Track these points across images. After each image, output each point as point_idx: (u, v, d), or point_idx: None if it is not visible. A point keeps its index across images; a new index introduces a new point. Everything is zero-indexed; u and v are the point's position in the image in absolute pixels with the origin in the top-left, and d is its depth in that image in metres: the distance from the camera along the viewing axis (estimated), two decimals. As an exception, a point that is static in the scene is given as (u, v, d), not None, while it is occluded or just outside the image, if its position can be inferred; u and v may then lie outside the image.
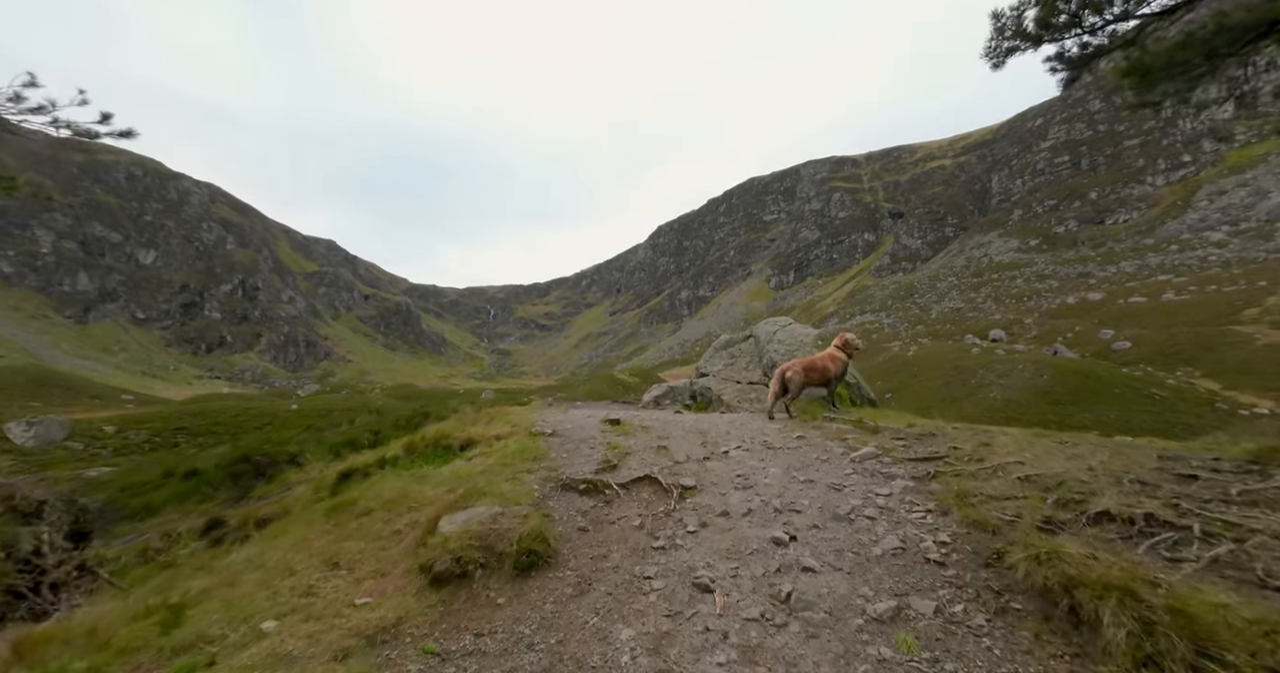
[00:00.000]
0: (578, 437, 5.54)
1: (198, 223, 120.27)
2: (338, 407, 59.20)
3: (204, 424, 47.86)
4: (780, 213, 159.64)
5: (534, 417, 6.84)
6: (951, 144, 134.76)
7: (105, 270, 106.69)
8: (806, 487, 3.88)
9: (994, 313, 77.30)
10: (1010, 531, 2.49)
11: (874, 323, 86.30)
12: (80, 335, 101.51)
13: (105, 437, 42.00)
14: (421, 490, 3.71)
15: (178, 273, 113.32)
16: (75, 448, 38.17)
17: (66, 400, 67.87)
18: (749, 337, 11.06)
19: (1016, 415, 44.74)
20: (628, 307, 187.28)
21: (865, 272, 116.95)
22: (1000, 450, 3.72)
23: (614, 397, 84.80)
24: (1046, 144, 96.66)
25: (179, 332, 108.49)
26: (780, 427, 6.18)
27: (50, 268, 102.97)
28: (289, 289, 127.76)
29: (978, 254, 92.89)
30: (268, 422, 50.88)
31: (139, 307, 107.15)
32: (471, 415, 6.67)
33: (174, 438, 44.84)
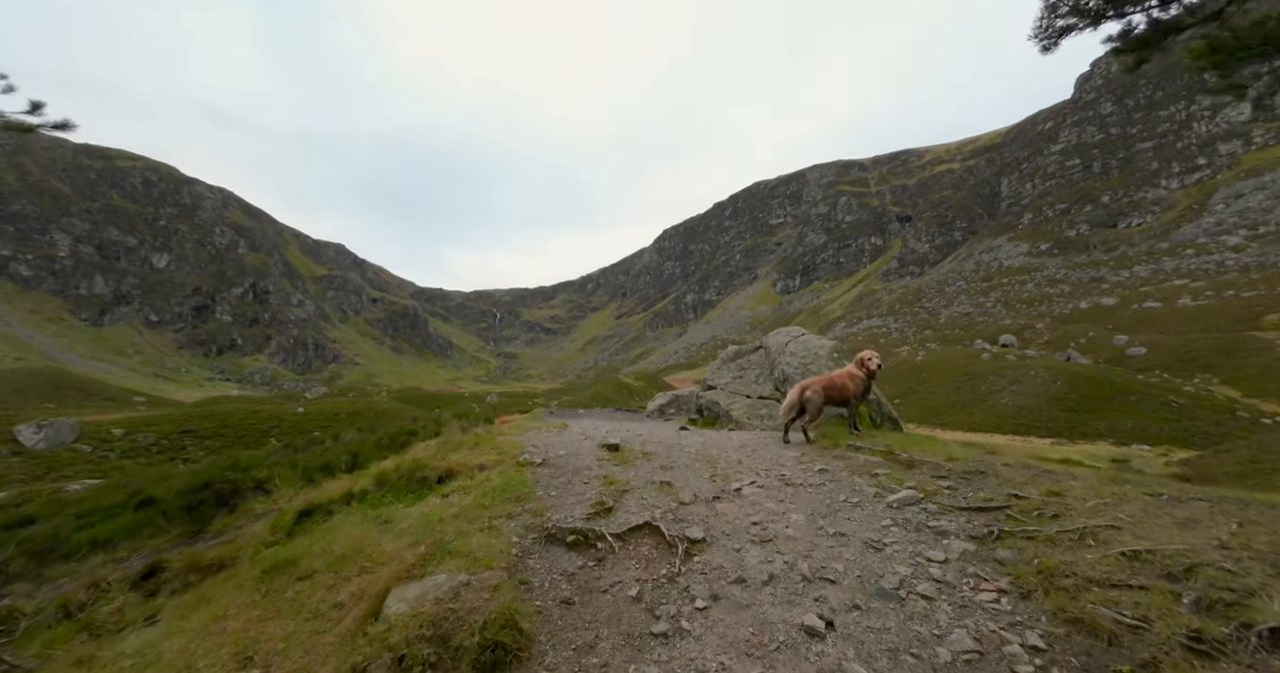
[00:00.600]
0: (570, 467, 4.88)
1: (210, 227, 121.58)
2: (343, 410, 59.05)
3: (211, 427, 47.82)
4: (786, 217, 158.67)
5: (524, 440, 6.18)
6: (959, 148, 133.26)
7: (120, 274, 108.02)
8: (838, 543, 3.19)
9: (1004, 318, 75.81)
10: (1138, 643, 1.78)
11: (881, 328, 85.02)
12: (96, 338, 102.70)
13: (113, 439, 41.96)
14: (380, 543, 3.08)
15: (190, 276, 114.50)
16: (84, 450, 38.11)
17: (80, 402, 68.41)
18: (759, 348, 10.36)
19: (1029, 422, 43.45)
20: (633, 310, 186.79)
21: (872, 276, 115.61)
22: (1078, 503, 3.01)
23: (619, 402, 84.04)
24: (1057, 147, 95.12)
25: (191, 334, 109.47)
26: (798, 454, 5.48)
27: (68, 271, 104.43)
28: (298, 292, 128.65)
29: (987, 258, 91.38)
30: (274, 425, 50.77)
31: (152, 309, 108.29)
32: (458, 437, 6.07)
33: (181, 441, 44.74)
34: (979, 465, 4.21)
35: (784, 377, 9.16)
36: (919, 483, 3.93)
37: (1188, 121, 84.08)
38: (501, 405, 76.64)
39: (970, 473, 4.03)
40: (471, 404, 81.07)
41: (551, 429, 8.11)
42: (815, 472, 4.61)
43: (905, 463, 4.45)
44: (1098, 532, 2.55)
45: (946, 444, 5.65)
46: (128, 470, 35.27)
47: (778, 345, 9.73)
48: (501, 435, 6.59)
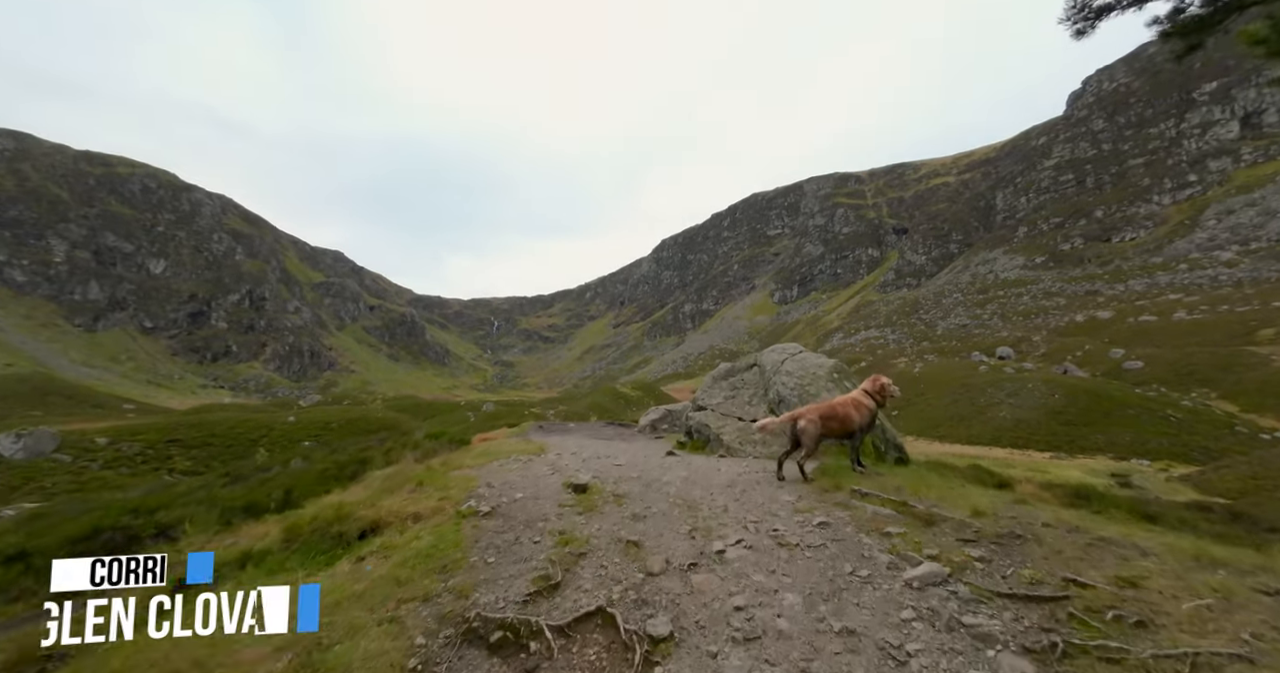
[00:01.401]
0: (523, 517, 4.07)
1: (208, 234, 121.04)
2: (335, 419, 57.74)
3: (199, 436, 46.35)
4: (784, 228, 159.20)
5: (481, 477, 5.33)
6: (955, 161, 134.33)
7: (116, 280, 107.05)
8: (846, 647, 2.38)
9: (1001, 330, 75.38)
10: None
11: (879, 339, 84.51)
12: (89, 344, 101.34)
13: (96, 449, 40.55)
14: (234, 652, 2.24)
15: (186, 283, 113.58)
16: (64, 461, 36.78)
17: (69, 409, 66.98)
18: (753, 365, 9.60)
19: (1028, 436, 42.65)
20: (631, 319, 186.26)
21: (870, 287, 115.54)
22: (1167, 601, 2.20)
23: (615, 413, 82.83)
24: (1050, 162, 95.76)
25: (185, 341, 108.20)
26: (793, 499, 4.66)
27: (63, 277, 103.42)
28: (295, 299, 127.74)
29: (983, 270, 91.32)
30: (264, 434, 49.44)
31: (147, 316, 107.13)
32: (409, 469, 5.27)
33: (168, 450, 43.31)
34: (1014, 525, 3.42)
35: (779, 398, 8.38)
36: (943, 550, 3.14)
37: (1178, 139, 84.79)
38: (496, 415, 75.40)
39: (1005, 537, 3.24)
40: (467, 413, 79.81)
41: (523, 457, 7.28)
42: (814, 526, 3.81)
43: (923, 518, 3.65)
44: (1218, 665, 1.76)
45: (965, 488, 4.86)
46: (109, 482, 34.02)
47: (772, 364, 8.96)
48: (459, 470, 5.75)
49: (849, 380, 8.34)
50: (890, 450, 7.38)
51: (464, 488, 4.57)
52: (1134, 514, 5.56)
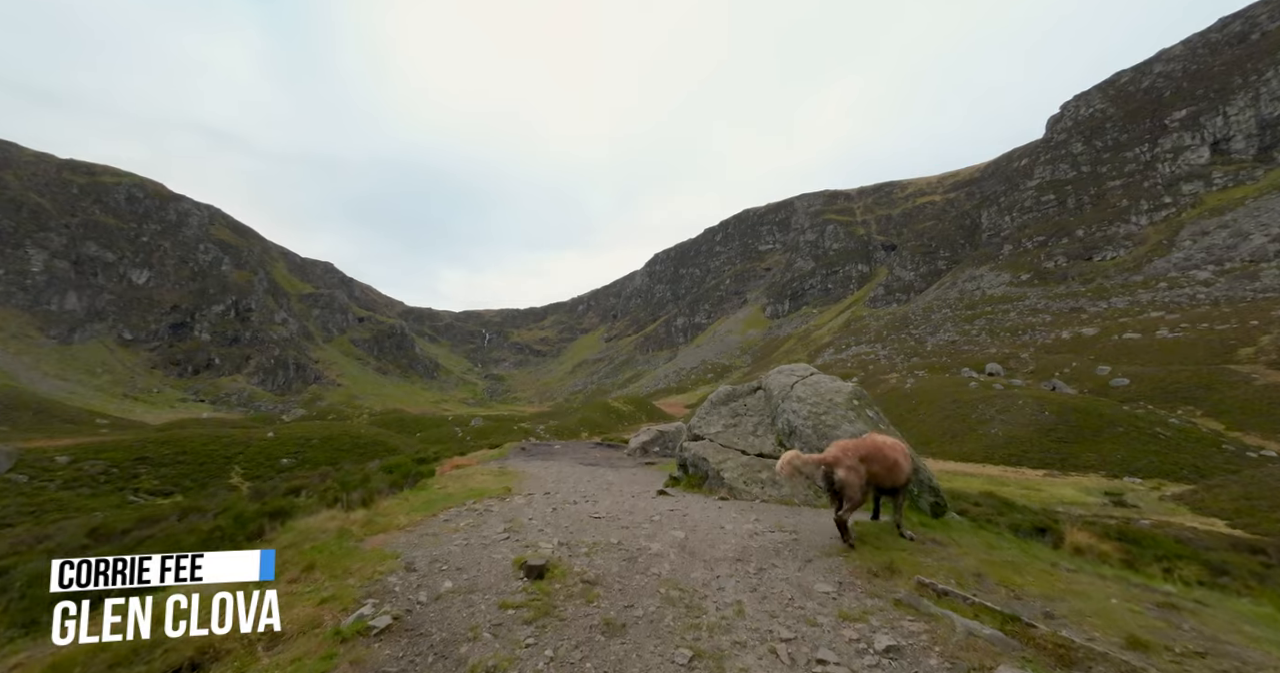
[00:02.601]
0: (439, 636, 2.65)
1: (195, 244, 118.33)
2: (316, 435, 55.32)
3: (169, 453, 43.78)
4: (775, 243, 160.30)
5: (404, 549, 3.87)
6: (941, 181, 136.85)
7: (96, 290, 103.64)
8: None
9: (989, 346, 75.28)
10: None
11: (870, 354, 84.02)
12: (63, 356, 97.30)
13: (56, 467, 37.87)
14: None
15: (170, 294, 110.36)
16: (19, 481, 34.14)
17: (37, 424, 63.57)
18: (757, 389, 8.33)
19: (1020, 453, 41.80)
20: (623, 333, 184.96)
21: (860, 302, 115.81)
22: None
23: (607, 426, 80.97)
24: (1033, 183, 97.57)
25: (166, 353, 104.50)
26: (833, 589, 3.28)
27: (39, 287, 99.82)
28: (282, 311, 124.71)
29: (970, 287, 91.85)
30: (239, 451, 46.95)
31: (127, 327, 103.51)
32: (323, 526, 3.91)
33: (135, 468, 40.68)
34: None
35: (789, 429, 7.10)
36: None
37: (1152, 162, 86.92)
38: (483, 430, 73.08)
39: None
40: (454, 428, 77.43)
41: (481, 503, 5.87)
42: (880, 655, 2.47)
43: (1053, 652, 2.25)
44: None
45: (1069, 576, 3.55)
46: (65, 504, 31.49)
47: (780, 387, 7.71)
48: (383, 532, 4.31)
49: (871, 409, 7.09)
50: (925, 494, 6.09)
51: (370, 573, 3.17)
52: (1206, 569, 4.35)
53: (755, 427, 7.80)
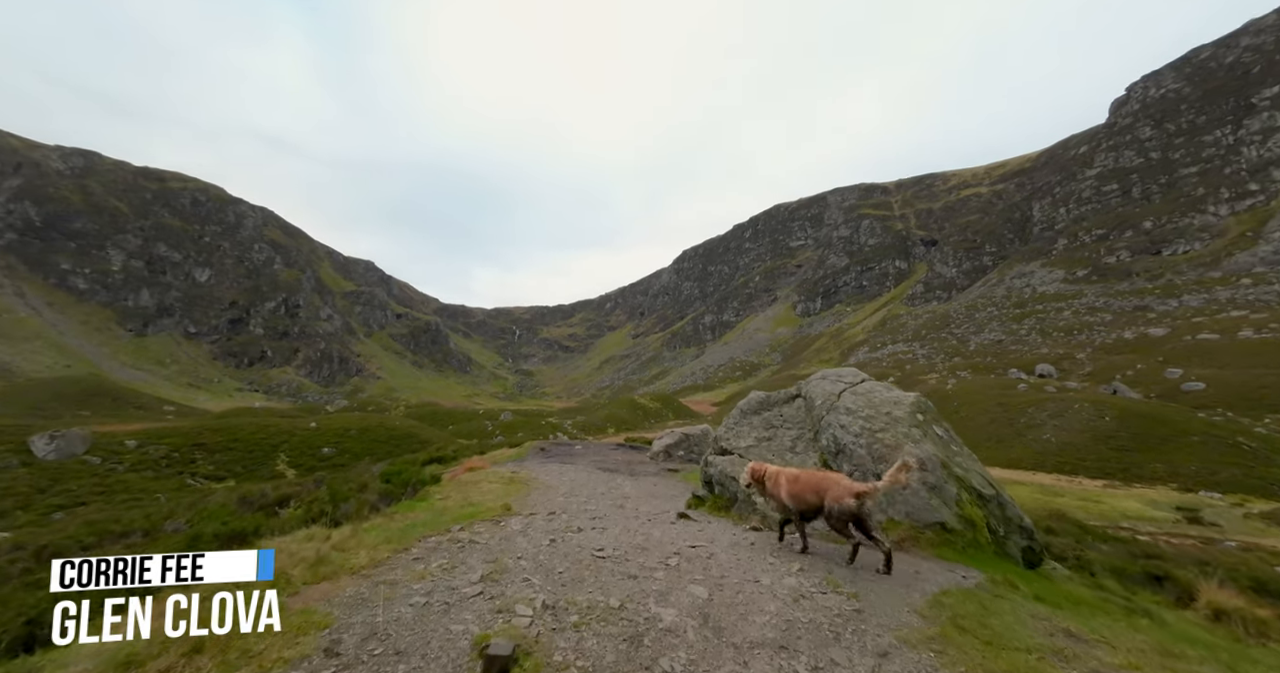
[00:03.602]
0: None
1: (250, 244, 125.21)
2: (354, 426, 57.28)
3: (222, 441, 46.30)
4: (807, 239, 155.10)
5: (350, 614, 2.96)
6: (988, 172, 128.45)
7: (165, 287, 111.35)
8: None
9: (1040, 346, 69.91)
10: None
11: (907, 353, 79.73)
12: (138, 348, 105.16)
13: (125, 451, 40.41)
14: None
15: (228, 290, 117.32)
16: (93, 463, 36.55)
17: (114, 410, 68.70)
18: (796, 397, 7.11)
19: (1075, 461, 38.32)
20: (651, 330, 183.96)
21: (897, 300, 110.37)
22: None
23: (633, 424, 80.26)
24: (1093, 172, 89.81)
25: (225, 346, 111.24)
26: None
27: (118, 284, 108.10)
28: (327, 307, 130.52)
29: (1019, 284, 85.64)
30: (284, 440, 49.06)
31: (191, 322, 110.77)
32: (305, 540, 3.14)
33: (192, 454, 43.14)
34: None
35: (836, 447, 5.89)
36: None
37: (1235, 146, 78.16)
38: (511, 425, 73.81)
39: None
40: (484, 422, 78.68)
41: (469, 530, 4.99)
42: None
43: None
44: None
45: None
46: (132, 486, 33.43)
47: (825, 396, 6.49)
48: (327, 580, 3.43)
49: (938, 425, 5.80)
50: (1014, 535, 4.77)
51: (272, 662, 2.27)
52: None
53: (794, 442, 6.61)
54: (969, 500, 4.85)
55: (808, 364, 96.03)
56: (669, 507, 7.47)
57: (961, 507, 4.84)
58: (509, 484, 8.97)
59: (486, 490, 8.06)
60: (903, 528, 4.87)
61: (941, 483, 5.01)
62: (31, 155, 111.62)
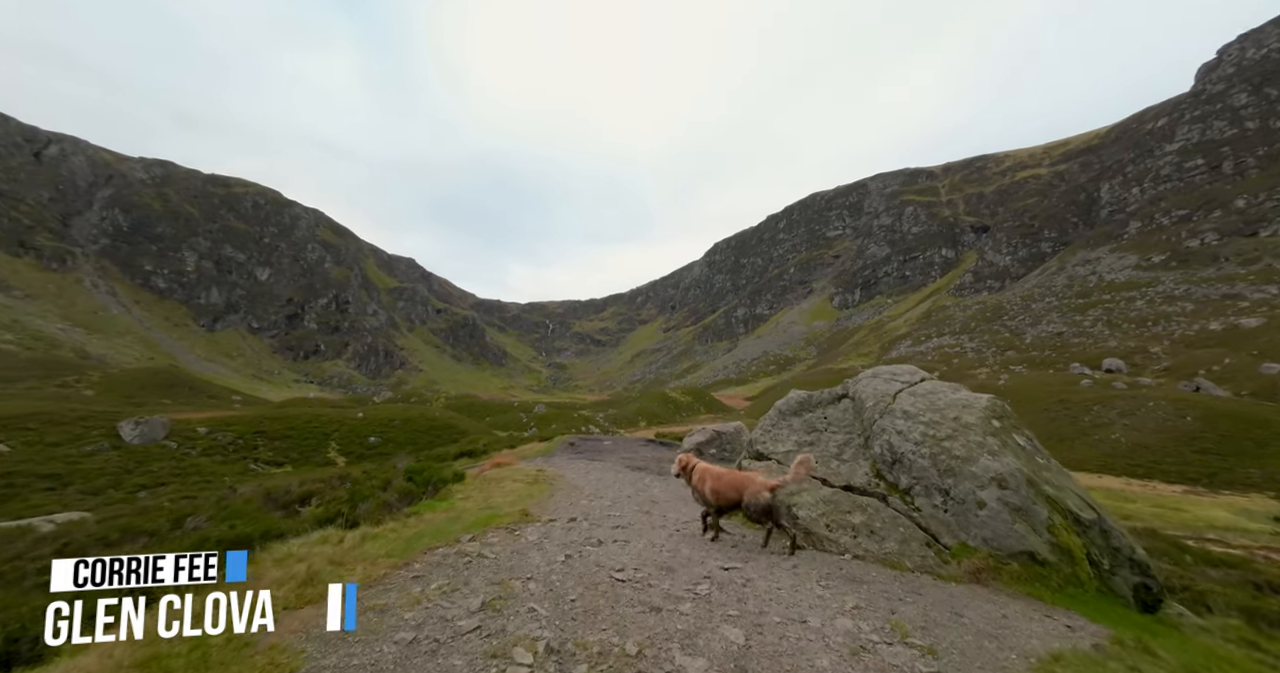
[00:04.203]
0: None
1: (304, 244, 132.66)
2: (397, 417, 59.85)
3: (280, 429, 49.61)
4: (845, 228, 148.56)
5: None
6: (1047, 151, 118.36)
7: (231, 286, 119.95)
8: None
9: (1108, 339, 63.93)
10: None
11: (954, 347, 74.99)
12: (210, 342, 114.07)
13: (197, 437, 43.89)
14: None
15: (285, 288, 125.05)
16: (170, 447, 39.79)
17: (190, 399, 74.83)
18: (842, 397, 6.28)
19: (1150, 464, 34.80)
20: (682, 324, 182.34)
21: (943, 290, 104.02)
22: None
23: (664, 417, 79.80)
24: (1173, 146, 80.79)
25: (283, 340, 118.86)
26: None
27: (192, 283, 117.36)
28: (373, 303, 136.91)
29: (1083, 271, 78.59)
30: (335, 429, 51.86)
31: (254, 317, 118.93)
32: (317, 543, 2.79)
33: (254, 441, 46.41)
34: None
35: (892, 456, 5.09)
36: None
37: (1352, 109, 68.29)
38: (545, 417, 75.00)
39: None
40: (519, 414, 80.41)
41: (479, 539, 4.58)
42: None
43: None
44: None
45: None
46: (203, 469, 36.15)
47: (877, 397, 5.66)
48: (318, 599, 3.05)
49: (1019, 434, 4.88)
50: (1122, 570, 3.86)
51: None
52: None
53: (840, 449, 5.82)
54: (1064, 526, 3.98)
55: (845, 358, 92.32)
56: (699, 514, 6.87)
57: (1055, 534, 3.97)
58: (533, 484, 8.62)
59: (509, 491, 7.73)
60: (979, 557, 4.06)
61: (1028, 504, 4.14)
62: (120, 168, 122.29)
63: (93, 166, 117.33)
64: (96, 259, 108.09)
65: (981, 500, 4.23)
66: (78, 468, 31.01)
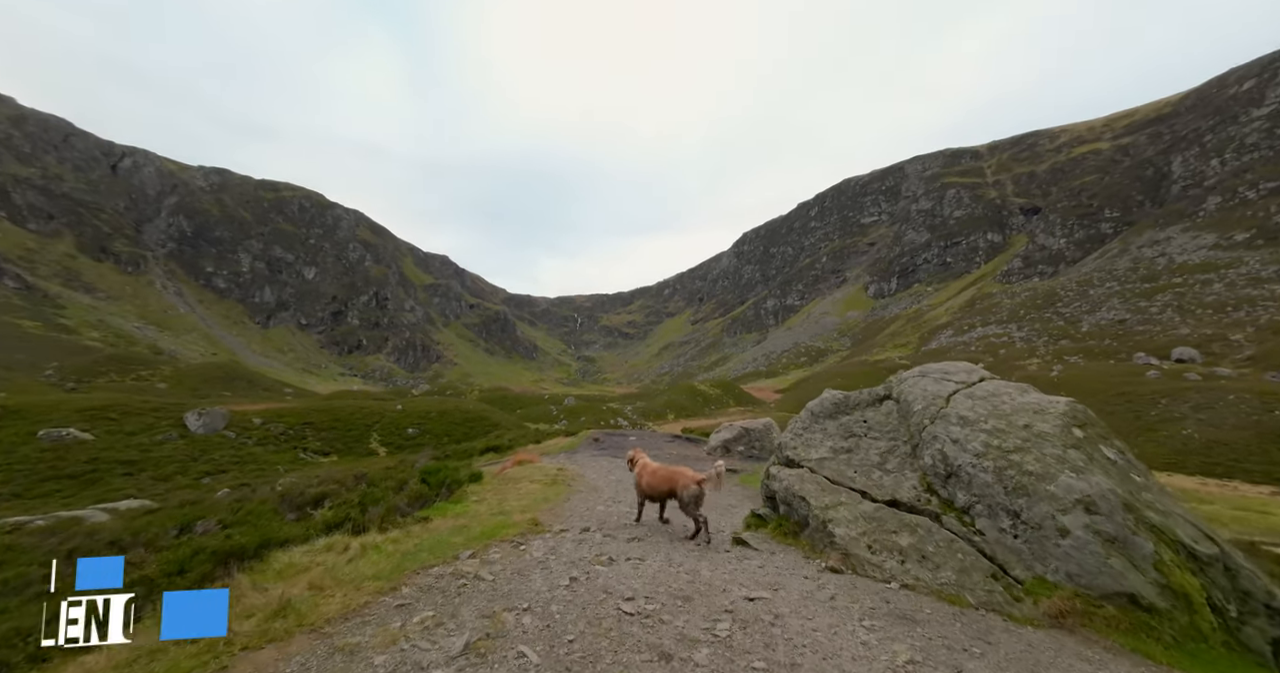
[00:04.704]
0: None
1: (345, 244, 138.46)
2: (434, 410, 61.81)
3: (326, 420, 52.27)
4: (881, 214, 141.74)
5: None
6: (1109, 124, 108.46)
7: (282, 285, 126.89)
8: None
9: (1178, 327, 58.21)
10: None
11: (1001, 336, 70.37)
12: (265, 338, 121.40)
13: (253, 428, 46.79)
14: None
15: (330, 286, 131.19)
16: (230, 437, 42.53)
17: (247, 392, 79.97)
18: (885, 398, 5.50)
19: (1229, 462, 31.53)
20: (710, 316, 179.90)
21: (988, 277, 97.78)
22: None
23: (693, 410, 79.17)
24: (1262, 111, 72.16)
25: (329, 336, 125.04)
26: None
27: (248, 283, 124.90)
28: (410, 299, 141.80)
29: (1149, 253, 71.80)
30: (376, 420, 54.10)
31: (303, 314, 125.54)
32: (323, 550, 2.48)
33: (303, 431, 49.07)
34: None
35: (947, 468, 4.35)
36: None
37: None
38: (574, 410, 75.70)
39: None
40: (549, 406, 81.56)
41: (478, 556, 4.20)
42: None
43: None
44: None
45: None
46: (258, 458, 38.45)
47: (927, 398, 4.90)
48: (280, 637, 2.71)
49: (1109, 445, 4.02)
50: (1255, 619, 3.04)
51: None
52: None
53: (884, 457, 5.09)
54: (1175, 563, 3.17)
55: (880, 350, 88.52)
56: (724, 524, 6.28)
57: (1164, 572, 3.16)
58: (551, 485, 8.28)
59: (525, 493, 7.40)
60: (1063, 596, 3.29)
61: (1125, 535, 3.34)
62: (183, 177, 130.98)
63: (160, 176, 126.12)
64: (165, 262, 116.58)
65: (1064, 527, 3.47)
66: (150, 456, 33.38)
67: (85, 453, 30.91)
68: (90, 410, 38.95)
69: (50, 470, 28.13)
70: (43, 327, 77.08)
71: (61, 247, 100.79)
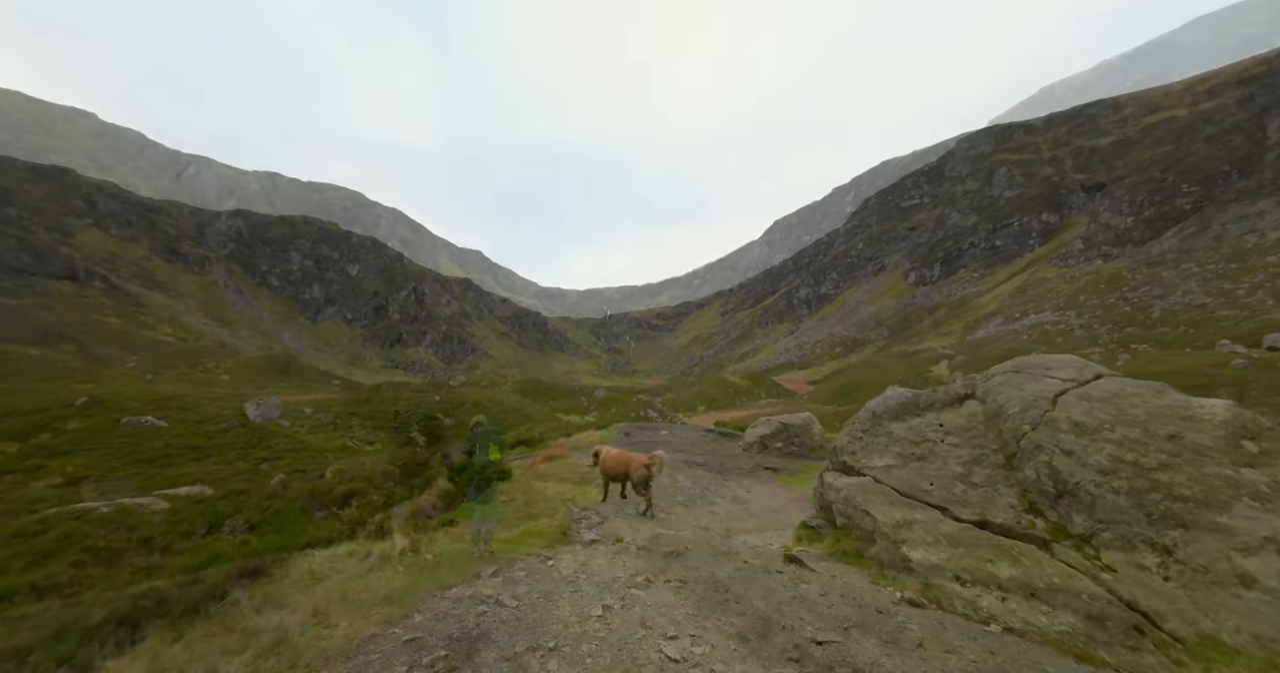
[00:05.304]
0: None
1: (385, 241, 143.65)
2: (469, 400, 63.57)
3: (369, 410, 54.85)
4: (923, 197, 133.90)
5: None
6: (1188, 88, 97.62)
7: (328, 282, 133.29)
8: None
9: (1271, 311, 51.84)
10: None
11: (1058, 324, 65.10)
12: (314, 332, 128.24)
13: (304, 417, 49.54)
14: None
15: (371, 282, 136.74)
16: (284, 425, 45.08)
17: (300, 384, 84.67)
18: (967, 397, 4.64)
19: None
20: (740, 306, 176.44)
21: (1043, 261, 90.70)
22: None
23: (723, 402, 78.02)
24: (1379, 62, 62.71)
25: (372, 330, 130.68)
26: None
27: (298, 280, 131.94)
28: (446, 294, 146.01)
29: (1235, 230, 64.36)
30: (415, 411, 56.14)
31: (348, 309, 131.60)
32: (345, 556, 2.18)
33: (349, 421, 51.70)
34: None
35: (1057, 485, 3.51)
36: None
37: None
38: (606, 401, 76.04)
39: None
40: (580, 398, 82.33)
41: (490, 587, 3.73)
42: None
43: None
44: None
45: None
46: (310, 445, 40.58)
47: (1026, 400, 4.03)
48: None
49: (1262, 446, 3.10)
50: None
51: None
52: None
53: (968, 468, 4.26)
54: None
55: (921, 339, 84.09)
56: (772, 536, 5.62)
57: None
58: (580, 483, 7.85)
59: (553, 493, 6.99)
60: (1248, 664, 2.47)
61: (1337, 587, 2.47)
62: (239, 181, 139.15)
63: (219, 181, 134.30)
64: (225, 262, 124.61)
65: (1245, 574, 2.62)
66: (214, 442, 35.71)
67: (161, 439, 33.34)
68: (164, 400, 42.03)
69: (131, 455, 30.50)
70: (125, 323, 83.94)
71: (139, 250, 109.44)
